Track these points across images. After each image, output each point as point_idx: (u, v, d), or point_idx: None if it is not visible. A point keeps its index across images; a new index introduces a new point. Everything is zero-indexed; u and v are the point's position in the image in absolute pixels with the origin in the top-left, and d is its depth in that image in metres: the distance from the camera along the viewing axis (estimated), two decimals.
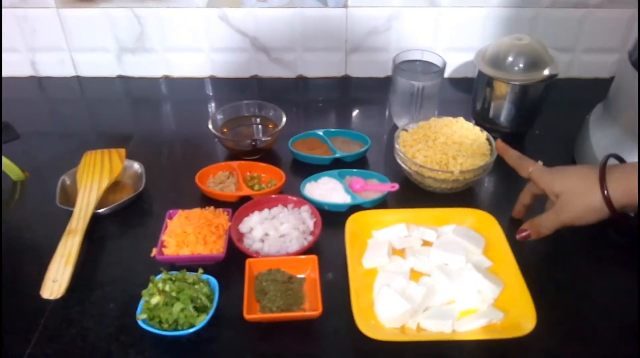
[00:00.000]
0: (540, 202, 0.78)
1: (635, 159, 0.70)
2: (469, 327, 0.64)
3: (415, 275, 0.72)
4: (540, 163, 0.76)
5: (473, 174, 0.83)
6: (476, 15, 1.11)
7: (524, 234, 0.74)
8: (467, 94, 1.11)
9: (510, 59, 0.92)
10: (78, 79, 1.22)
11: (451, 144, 0.86)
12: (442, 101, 1.02)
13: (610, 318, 0.68)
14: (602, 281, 0.73)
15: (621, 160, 0.72)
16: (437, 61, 0.99)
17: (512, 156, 0.79)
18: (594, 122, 0.89)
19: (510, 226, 0.78)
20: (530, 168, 0.75)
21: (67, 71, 1.22)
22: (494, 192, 0.90)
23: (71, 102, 1.17)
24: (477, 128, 0.90)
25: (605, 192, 0.66)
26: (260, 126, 1.00)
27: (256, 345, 0.65)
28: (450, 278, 0.69)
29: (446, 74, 1.07)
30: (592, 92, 1.05)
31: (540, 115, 0.98)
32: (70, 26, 1.14)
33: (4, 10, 1.12)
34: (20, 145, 0.90)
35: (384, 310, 0.65)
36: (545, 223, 0.72)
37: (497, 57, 0.93)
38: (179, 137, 1.06)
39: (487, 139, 0.88)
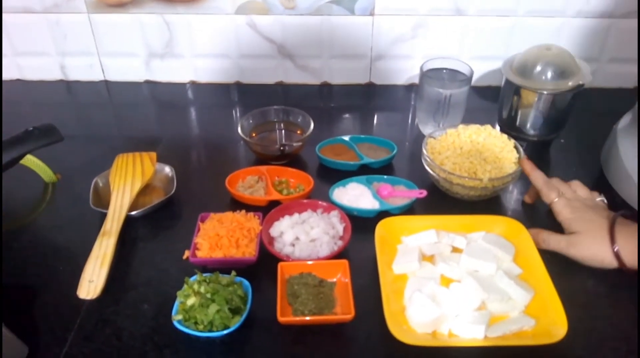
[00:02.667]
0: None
1: None
2: (500, 333, 0.65)
3: (445, 280, 0.72)
4: (563, 194, 0.78)
5: (502, 182, 0.83)
6: (502, 25, 1.12)
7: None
8: (491, 101, 1.11)
9: (538, 68, 0.92)
10: (106, 83, 1.24)
11: (479, 152, 0.86)
12: (466, 108, 1.02)
13: None
14: (633, 289, 0.73)
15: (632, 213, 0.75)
16: (463, 69, 0.99)
17: (538, 178, 0.81)
18: (622, 131, 0.89)
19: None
20: (555, 198, 0.78)
21: (96, 75, 1.24)
22: (520, 199, 0.90)
23: (99, 105, 1.19)
24: (505, 136, 0.90)
25: (616, 249, 0.70)
26: (287, 132, 1.01)
27: (289, 347, 0.66)
28: (481, 285, 0.69)
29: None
30: (616, 101, 1.05)
31: (566, 124, 0.99)
32: (100, 31, 1.16)
33: (37, 15, 1.14)
34: (50, 147, 0.90)
35: (415, 315, 0.66)
36: (553, 244, 0.75)
37: (525, 66, 0.94)
38: (205, 141, 1.07)
39: (515, 147, 0.89)
